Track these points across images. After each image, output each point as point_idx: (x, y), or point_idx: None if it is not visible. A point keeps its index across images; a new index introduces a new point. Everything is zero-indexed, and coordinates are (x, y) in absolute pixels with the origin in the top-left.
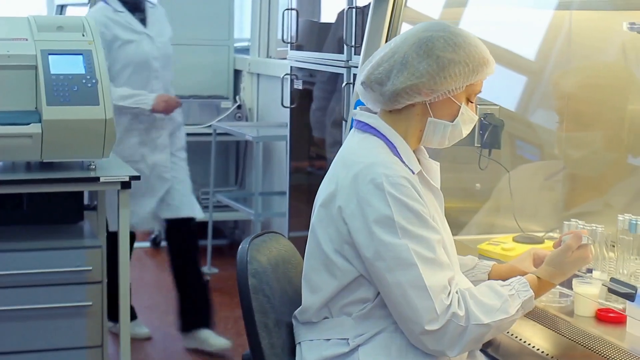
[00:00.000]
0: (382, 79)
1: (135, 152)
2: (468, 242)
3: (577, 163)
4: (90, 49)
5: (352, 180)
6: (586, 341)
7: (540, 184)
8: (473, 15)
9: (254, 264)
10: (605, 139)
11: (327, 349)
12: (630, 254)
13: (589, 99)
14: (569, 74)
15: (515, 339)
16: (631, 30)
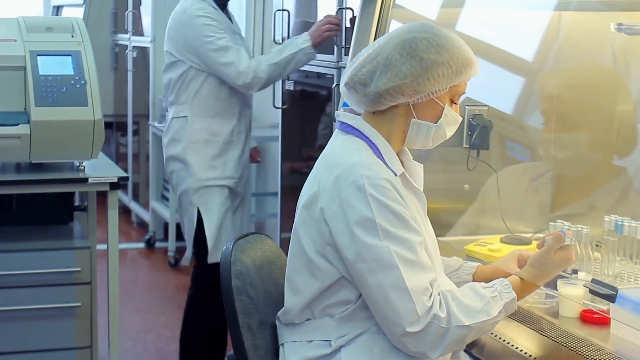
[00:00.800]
0: (366, 80)
1: (236, 169)
2: (456, 242)
3: (563, 164)
4: (80, 49)
5: (334, 181)
6: (570, 343)
7: (526, 185)
8: (469, 16)
9: (237, 265)
10: (591, 140)
11: (309, 350)
12: (615, 255)
13: (574, 99)
14: (553, 75)
15: (499, 340)
16: (619, 31)
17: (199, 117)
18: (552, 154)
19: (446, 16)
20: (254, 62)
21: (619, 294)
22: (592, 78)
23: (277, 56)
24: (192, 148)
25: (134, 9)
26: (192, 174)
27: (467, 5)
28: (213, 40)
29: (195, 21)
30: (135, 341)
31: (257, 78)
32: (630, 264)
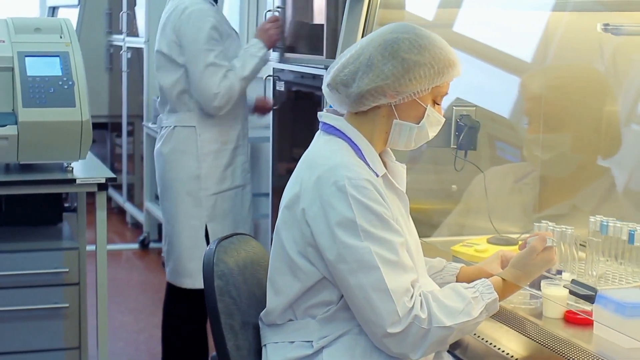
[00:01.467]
0: (348, 80)
1: (245, 175)
2: (442, 243)
3: (546, 165)
4: (68, 50)
5: (316, 182)
6: (553, 344)
7: (511, 186)
8: (465, 16)
9: (220, 266)
10: (575, 141)
11: (291, 351)
12: (600, 256)
13: (557, 100)
14: (536, 76)
15: (482, 341)
16: (605, 32)
17: (208, 126)
18: (535, 155)
19: (443, 16)
20: (226, 82)
21: (601, 295)
22: (575, 79)
23: (243, 70)
24: (205, 160)
25: (128, 9)
26: (204, 187)
27: (464, 5)
28: (206, 56)
29: (195, 24)
30: (127, 342)
31: (228, 97)
32: (615, 265)
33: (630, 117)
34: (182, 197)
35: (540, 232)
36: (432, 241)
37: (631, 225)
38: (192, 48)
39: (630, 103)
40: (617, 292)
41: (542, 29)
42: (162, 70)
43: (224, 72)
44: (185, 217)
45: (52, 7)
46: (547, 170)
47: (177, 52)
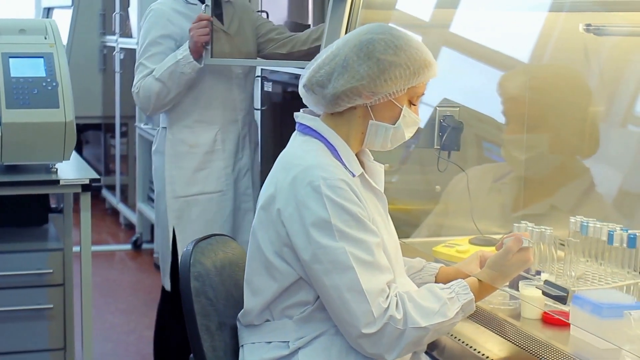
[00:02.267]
0: (323, 81)
1: (224, 181)
2: (424, 244)
3: (524, 165)
4: (52, 51)
5: (291, 182)
6: (529, 345)
7: (490, 186)
8: (462, 17)
9: (197, 267)
10: (552, 141)
11: (267, 351)
12: (580, 256)
13: (535, 101)
14: (513, 76)
15: (459, 342)
16: (587, 32)
17: (177, 128)
18: (513, 155)
19: (440, 17)
20: (143, 82)
21: (578, 296)
22: (553, 79)
23: (158, 71)
24: (170, 162)
25: (121, 10)
26: (169, 189)
27: (461, 6)
28: (142, 54)
29: (147, 23)
30: (117, 343)
31: (145, 98)
32: (595, 265)
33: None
34: (158, 197)
35: (516, 233)
36: (414, 242)
37: (611, 225)
38: (139, 48)
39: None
40: (594, 292)
41: (540, 29)
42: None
43: (147, 73)
44: (159, 219)
45: (46, 8)
46: (525, 170)
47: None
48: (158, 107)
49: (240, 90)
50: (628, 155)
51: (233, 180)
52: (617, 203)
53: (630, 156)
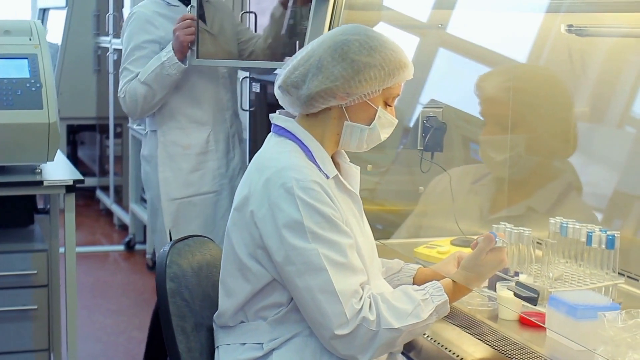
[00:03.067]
0: (298, 82)
1: (219, 181)
2: (406, 245)
3: (501, 166)
4: (36, 53)
5: (264, 184)
6: (505, 347)
7: (468, 187)
8: (459, 17)
9: (173, 268)
10: (529, 142)
11: (242, 353)
12: (559, 257)
13: (511, 101)
14: (490, 77)
15: (435, 343)
16: (569, 33)
17: (168, 130)
18: (490, 156)
19: (436, 17)
20: (129, 85)
21: (554, 297)
22: (530, 79)
23: (144, 74)
24: (164, 164)
25: (115, 11)
26: (163, 192)
27: (458, 7)
28: (126, 59)
29: (129, 27)
30: (107, 344)
31: (132, 102)
32: (574, 266)
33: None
34: (151, 201)
35: (488, 233)
36: (394, 243)
37: (590, 226)
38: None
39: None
40: (570, 294)
41: (538, 30)
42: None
43: (132, 77)
44: (155, 222)
45: (42, 9)
46: (502, 171)
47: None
48: (145, 110)
49: (227, 89)
50: (607, 156)
51: (228, 180)
52: (595, 204)
53: (609, 157)
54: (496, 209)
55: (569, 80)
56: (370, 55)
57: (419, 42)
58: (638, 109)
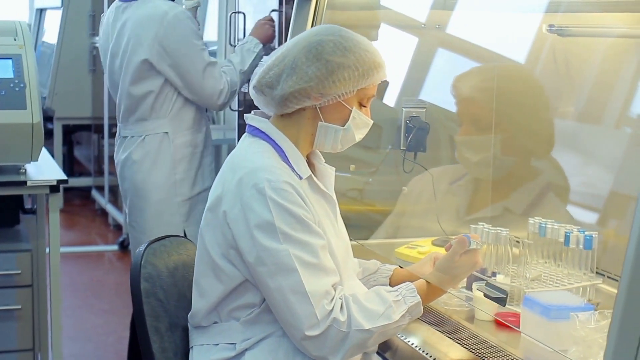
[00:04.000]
0: (272, 82)
1: (212, 176)
2: (387, 245)
3: (477, 166)
4: (21, 53)
5: (237, 184)
6: (480, 349)
7: (446, 188)
8: (459, 18)
9: (147, 268)
10: (505, 143)
11: (215, 353)
12: (537, 257)
13: (487, 102)
14: (466, 77)
15: (410, 344)
16: (550, 32)
17: (180, 131)
18: (466, 157)
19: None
20: (227, 77)
21: (528, 297)
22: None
23: (243, 65)
24: (180, 165)
25: None
26: (179, 193)
27: (458, 7)
28: (203, 55)
29: (182, 27)
30: (97, 344)
31: (233, 93)
32: (553, 267)
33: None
34: (158, 204)
35: (461, 235)
36: (377, 243)
37: (568, 227)
38: (185, 51)
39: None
40: (545, 294)
41: (536, 31)
42: (141, 80)
43: (222, 69)
44: (163, 224)
45: (39, 9)
46: (479, 172)
47: (161, 59)
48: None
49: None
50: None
51: (214, 173)
52: (573, 204)
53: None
54: (473, 210)
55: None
56: (344, 56)
57: (406, 41)
58: (631, 109)
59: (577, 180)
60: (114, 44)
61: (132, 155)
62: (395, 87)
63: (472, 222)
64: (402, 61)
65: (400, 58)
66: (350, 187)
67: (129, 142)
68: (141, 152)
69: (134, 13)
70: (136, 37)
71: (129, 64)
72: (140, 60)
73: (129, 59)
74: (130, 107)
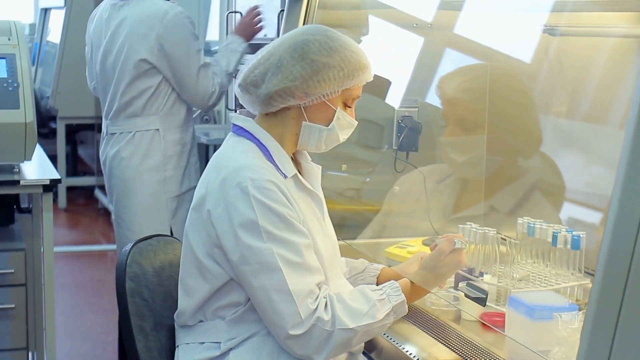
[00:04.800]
0: (257, 81)
1: (197, 176)
2: (378, 245)
3: (462, 166)
4: (15, 52)
5: (221, 184)
6: (465, 349)
7: (433, 187)
8: (467, 18)
9: (133, 267)
10: (489, 143)
11: (200, 352)
12: (527, 257)
13: (471, 102)
14: (451, 78)
15: (394, 344)
16: (543, 32)
17: (171, 129)
18: (451, 157)
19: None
20: (217, 79)
21: (513, 297)
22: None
23: (228, 66)
24: (170, 162)
25: None
26: (168, 190)
27: (466, 7)
28: (199, 56)
29: (181, 27)
30: (96, 343)
31: (222, 94)
32: (542, 266)
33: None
34: (146, 200)
35: (449, 234)
36: (367, 243)
37: (556, 227)
38: (182, 52)
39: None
40: (529, 294)
41: (542, 31)
42: (139, 78)
43: (212, 70)
44: (151, 221)
45: (44, 9)
46: (464, 172)
47: (160, 57)
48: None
49: None
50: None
51: (199, 173)
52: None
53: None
54: (458, 209)
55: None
56: (330, 56)
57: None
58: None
59: (581, 180)
60: (108, 41)
61: (120, 152)
62: (398, 86)
63: (458, 220)
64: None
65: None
66: (345, 186)
67: (117, 138)
68: (131, 148)
69: (131, 11)
70: (135, 35)
71: (127, 62)
72: (138, 59)
73: (127, 57)
74: (123, 104)
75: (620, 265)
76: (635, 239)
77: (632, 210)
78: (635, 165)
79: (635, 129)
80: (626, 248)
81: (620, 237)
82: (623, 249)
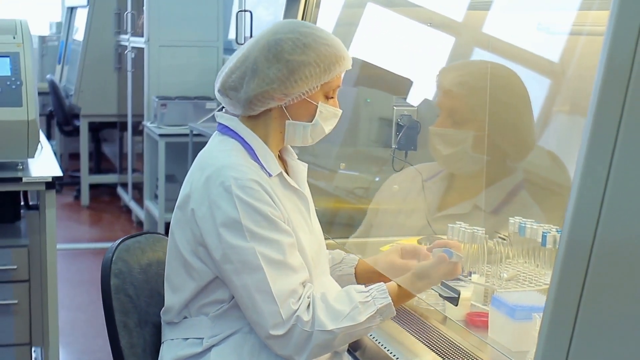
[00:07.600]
0: (236, 86)
1: None
2: (373, 244)
3: (447, 160)
4: (19, 51)
5: (204, 182)
6: (449, 350)
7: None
8: (495, 18)
9: (118, 264)
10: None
11: (183, 348)
12: (517, 257)
13: (464, 96)
14: (449, 70)
15: (378, 344)
16: (539, 30)
17: None
18: (438, 149)
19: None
20: None
21: (496, 297)
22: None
23: None
24: None
25: (133, 10)
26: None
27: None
28: None
29: None
30: (106, 339)
31: None
32: (532, 266)
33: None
34: None
35: (450, 242)
36: (361, 242)
37: (546, 227)
38: None
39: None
40: (513, 294)
41: (570, 29)
42: None
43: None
44: None
45: (70, 8)
46: (449, 165)
47: None
48: None
49: None
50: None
51: None
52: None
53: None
54: (443, 207)
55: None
56: (304, 53)
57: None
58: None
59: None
60: None
61: None
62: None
63: (440, 219)
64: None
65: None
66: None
67: None
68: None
69: None
70: None
71: None
72: None
73: None
74: None
75: (579, 261)
76: (594, 234)
77: (590, 204)
78: (594, 157)
79: (593, 124)
80: (585, 246)
81: (579, 231)
82: (581, 246)
